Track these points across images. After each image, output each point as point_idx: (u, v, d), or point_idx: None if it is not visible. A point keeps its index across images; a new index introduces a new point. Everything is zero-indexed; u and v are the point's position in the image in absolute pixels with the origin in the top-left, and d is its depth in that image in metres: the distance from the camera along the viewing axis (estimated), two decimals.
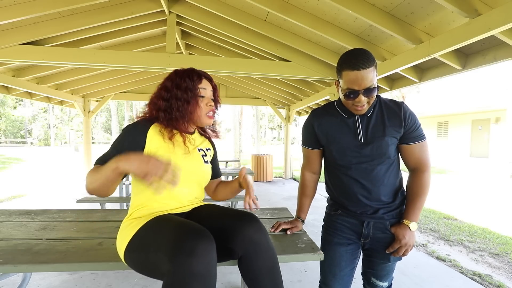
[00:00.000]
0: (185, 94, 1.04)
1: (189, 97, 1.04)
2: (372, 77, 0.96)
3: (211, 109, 1.10)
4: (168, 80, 1.08)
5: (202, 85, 1.07)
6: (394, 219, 1.12)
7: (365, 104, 1.01)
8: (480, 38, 1.82)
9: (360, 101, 0.99)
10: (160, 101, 1.05)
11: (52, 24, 3.08)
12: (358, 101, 1.00)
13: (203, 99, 1.08)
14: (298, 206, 1.31)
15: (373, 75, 0.96)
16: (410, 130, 1.07)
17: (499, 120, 10.65)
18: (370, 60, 0.96)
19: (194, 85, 1.06)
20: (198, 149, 1.12)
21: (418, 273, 2.40)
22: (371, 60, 0.96)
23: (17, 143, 28.10)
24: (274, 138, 43.45)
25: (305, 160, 1.28)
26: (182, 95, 1.04)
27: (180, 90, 1.04)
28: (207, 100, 1.09)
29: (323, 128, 1.15)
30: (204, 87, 1.08)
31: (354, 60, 0.96)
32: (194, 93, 1.05)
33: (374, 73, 0.97)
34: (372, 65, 0.96)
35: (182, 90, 1.04)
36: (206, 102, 1.09)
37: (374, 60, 0.98)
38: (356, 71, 0.95)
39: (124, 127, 1.03)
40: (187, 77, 1.06)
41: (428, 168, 1.10)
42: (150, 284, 2.06)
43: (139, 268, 0.92)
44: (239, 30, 3.40)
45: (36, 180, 7.33)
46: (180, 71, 1.09)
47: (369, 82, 0.96)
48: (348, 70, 0.97)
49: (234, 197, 3.88)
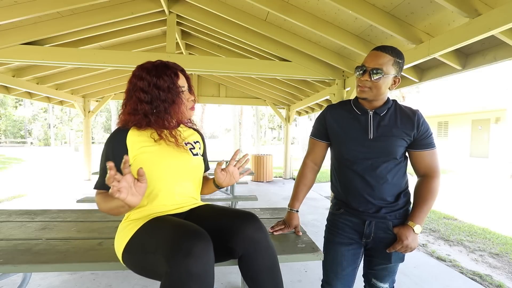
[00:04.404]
0: (169, 94, 1.01)
1: (174, 97, 1.02)
2: (383, 63, 1.03)
3: (193, 102, 1.11)
4: (141, 80, 1.00)
5: (180, 81, 1.05)
6: (396, 220, 1.12)
7: (367, 88, 1.06)
8: (480, 38, 1.82)
9: (365, 80, 1.05)
10: (142, 105, 0.99)
11: (52, 24, 3.08)
12: (363, 79, 1.06)
13: (184, 94, 1.07)
14: (293, 194, 1.29)
15: (386, 62, 1.03)
16: (422, 137, 1.09)
17: (499, 120, 10.65)
18: (389, 49, 1.04)
19: (174, 82, 1.03)
20: (185, 143, 1.10)
21: (418, 273, 2.40)
22: (391, 51, 1.04)
23: (17, 143, 28.08)
24: (274, 138, 43.44)
25: (310, 150, 1.30)
26: (166, 96, 1.01)
27: (162, 90, 1.00)
28: (187, 94, 1.08)
29: (335, 120, 1.18)
30: (181, 82, 1.06)
31: (379, 45, 1.08)
32: (176, 91, 1.03)
33: (389, 64, 1.03)
34: (388, 53, 1.03)
35: (164, 90, 1.00)
36: (188, 97, 1.08)
37: (395, 54, 1.05)
38: (374, 50, 1.06)
39: (106, 139, 1.00)
40: (164, 75, 1.01)
41: (438, 175, 1.12)
42: (150, 284, 2.06)
43: (137, 269, 0.92)
44: (239, 30, 3.40)
45: (36, 180, 7.32)
46: (149, 68, 1.02)
47: (379, 64, 1.03)
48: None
49: (234, 197, 3.89)
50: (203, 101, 7.11)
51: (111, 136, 0.99)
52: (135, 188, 0.79)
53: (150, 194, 1.01)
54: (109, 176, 0.72)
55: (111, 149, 0.96)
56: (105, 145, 0.98)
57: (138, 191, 0.80)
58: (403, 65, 1.09)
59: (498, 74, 12.70)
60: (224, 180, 1.11)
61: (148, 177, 0.99)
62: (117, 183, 0.73)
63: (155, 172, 0.99)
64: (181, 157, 1.05)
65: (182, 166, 1.05)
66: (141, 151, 0.98)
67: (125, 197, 0.76)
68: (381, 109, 1.11)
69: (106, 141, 0.99)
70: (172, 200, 1.04)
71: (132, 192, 0.78)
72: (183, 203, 1.07)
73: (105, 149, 0.97)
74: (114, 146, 0.97)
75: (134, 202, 0.79)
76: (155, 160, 0.99)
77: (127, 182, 0.76)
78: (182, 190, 1.07)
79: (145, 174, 0.80)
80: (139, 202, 0.82)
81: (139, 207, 1.01)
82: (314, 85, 5.05)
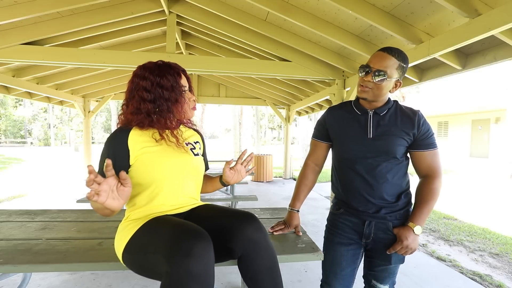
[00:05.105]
0: (173, 93, 1.02)
1: (177, 96, 1.03)
2: (388, 66, 1.03)
3: (194, 102, 1.12)
4: (143, 79, 1.00)
5: (182, 81, 1.06)
6: (397, 221, 1.12)
7: (369, 88, 1.06)
8: (480, 38, 1.82)
9: (368, 81, 1.05)
10: (145, 104, 0.99)
11: (52, 24, 3.08)
12: (365, 80, 1.06)
13: (186, 93, 1.08)
14: (294, 194, 1.30)
15: (391, 65, 1.03)
16: (423, 137, 1.09)
17: (499, 120, 10.64)
18: (396, 52, 1.04)
19: (177, 82, 1.03)
20: (186, 143, 1.11)
21: (418, 273, 2.40)
22: (398, 54, 1.04)
23: (17, 143, 28.09)
24: (274, 138, 43.44)
25: (311, 151, 1.31)
26: (169, 95, 1.01)
27: (166, 89, 1.00)
28: (189, 94, 1.09)
29: (336, 121, 1.19)
30: (183, 82, 1.07)
31: (387, 47, 1.08)
32: (179, 90, 1.04)
33: (394, 68, 1.03)
34: (395, 56, 1.03)
35: (168, 89, 1.01)
36: (189, 96, 1.09)
37: (401, 58, 1.05)
38: (380, 51, 1.06)
39: (106, 139, 1.00)
40: (167, 74, 1.01)
41: (440, 175, 1.11)
42: (150, 284, 2.06)
43: (137, 269, 0.92)
44: (239, 30, 3.40)
45: (36, 180, 7.32)
46: (152, 68, 1.02)
47: (383, 67, 1.02)
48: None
49: (234, 197, 3.88)
50: (203, 101, 7.11)
51: (111, 136, 0.99)
52: (118, 191, 0.78)
53: (151, 194, 1.01)
54: (88, 179, 0.70)
55: (111, 149, 0.96)
56: (105, 145, 0.98)
57: (121, 195, 0.79)
58: (406, 69, 1.09)
59: (498, 74, 12.70)
60: (232, 178, 1.17)
61: (149, 177, 0.99)
62: (97, 186, 0.72)
63: (156, 172, 0.99)
64: (182, 158, 1.06)
65: (183, 166, 1.05)
66: (143, 151, 0.98)
67: (104, 200, 0.74)
68: (381, 109, 1.11)
69: (106, 141, 0.98)
70: (173, 200, 1.04)
71: (114, 195, 0.77)
72: (184, 203, 1.07)
73: (105, 149, 0.97)
74: (114, 147, 0.96)
75: (115, 206, 0.78)
76: (156, 161, 0.99)
77: (108, 185, 0.75)
78: (182, 190, 1.07)
79: (129, 178, 0.79)
80: (121, 206, 0.80)
81: (139, 207, 1.01)
82: (314, 85, 5.05)
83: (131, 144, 0.97)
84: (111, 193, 0.76)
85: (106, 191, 0.75)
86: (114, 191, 0.78)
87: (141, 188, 1.00)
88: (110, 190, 0.76)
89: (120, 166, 0.94)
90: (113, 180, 0.77)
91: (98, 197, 0.73)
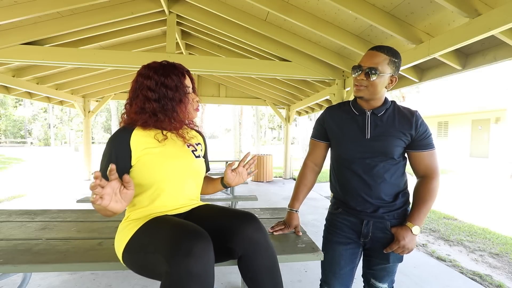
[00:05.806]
0: (177, 93, 1.02)
1: (181, 96, 1.03)
2: (379, 62, 1.04)
3: (197, 103, 1.12)
4: (148, 79, 1.00)
5: (186, 81, 1.06)
6: (395, 220, 1.12)
7: (363, 86, 1.07)
8: (480, 38, 1.82)
9: (361, 79, 1.07)
10: (150, 103, 0.99)
11: (52, 24, 3.08)
12: (359, 78, 1.07)
13: (190, 94, 1.07)
14: (293, 195, 1.30)
15: (381, 61, 1.04)
16: (421, 138, 1.09)
17: (499, 120, 10.65)
18: (385, 49, 1.06)
19: (182, 82, 1.03)
20: (187, 145, 1.11)
21: (418, 273, 2.40)
22: (387, 50, 1.06)
23: (17, 143, 28.07)
24: (274, 138, 43.44)
25: (310, 151, 1.31)
26: (174, 95, 1.01)
27: (170, 89, 1.00)
28: (192, 95, 1.09)
29: (334, 121, 1.20)
30: (187, 82, 1.07)
31: (375, 45, 1.10)
32: (183, 90, 1.04)
33: (385, 63, 1.05)
34: (384, 53, 1.05)
35: (172, 89, 1.01)
36: (193, 97, 1.09)
37: (391, 53, 1.06)
38: (370, 50, 1.08)
39: (108, 139, 1.00)
40: (172, 74, 1.01)
41: (437, 175, 1.11)
42: (150, 284, 2.06)
43: (137, 269, 0.92)
44: (239, 30, 3.40)
45: (36, 180, 7.33)
46: (156, 67, 1.02)
47: (374, 64, 1.04)
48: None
49: (234, 197, 3.88)
50: (203, 101, 7.11)
51: (113, 135, 0.98)
52: (120, 194, 0.79)
53: (152, 194, 1.01)
54: (93, 184, 0.71)
55: (113, 149, 0.96)
56: (107, 144, 0.97)
57: (124, 197, 0.80)
58: (399, 64, 1.10)
59: (498, 74, 12.70)
60: (233, 180, 1.18)
61: (151, 179, 0.99)
62: (100, 189, 0.73)
63: (158, 173, 0.99)
64: (184, 159, 1.06)
65: (184, 168, 1.05)
66: (145, 152, 0.98)
67: (107, 203, 0.75)
68: (379, 109, 1.12)
69: (108, 141, 0.97)
70: (173, 201, 1.04)
71: (117, 198, 0.78)
72: (184, 204, 1.08)
73: (107, 149, 0.96)
74: (116, 146, 0.96)
75: (117, 209, 0.79)
76: (158, 161, 0.99)
77: (111, 188, 0.76)
78: (183, 191, 1.07)
79: (132, 181, 0.80)
80: (123, 208, 0.81)
81: (139, 207, 1.01)
82: (314, 85, 5.05)
83: (133, 145, 0.97)
84: (114, 196, 0.77)
85: (109, 194, 0.75)
86: (117, 194, 0.78)
87: (142, 189, 1.00)
88: (113, 193, 0.77)
89: (122, 166, 0.94)
90: (117, 183, 0.78)
91: (102, 200, 0.73)
